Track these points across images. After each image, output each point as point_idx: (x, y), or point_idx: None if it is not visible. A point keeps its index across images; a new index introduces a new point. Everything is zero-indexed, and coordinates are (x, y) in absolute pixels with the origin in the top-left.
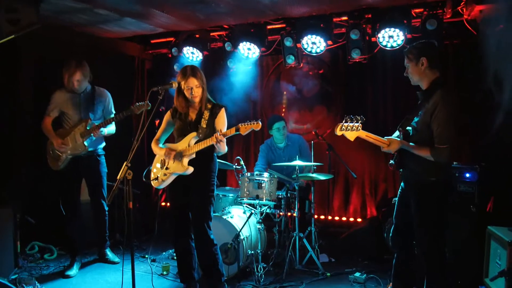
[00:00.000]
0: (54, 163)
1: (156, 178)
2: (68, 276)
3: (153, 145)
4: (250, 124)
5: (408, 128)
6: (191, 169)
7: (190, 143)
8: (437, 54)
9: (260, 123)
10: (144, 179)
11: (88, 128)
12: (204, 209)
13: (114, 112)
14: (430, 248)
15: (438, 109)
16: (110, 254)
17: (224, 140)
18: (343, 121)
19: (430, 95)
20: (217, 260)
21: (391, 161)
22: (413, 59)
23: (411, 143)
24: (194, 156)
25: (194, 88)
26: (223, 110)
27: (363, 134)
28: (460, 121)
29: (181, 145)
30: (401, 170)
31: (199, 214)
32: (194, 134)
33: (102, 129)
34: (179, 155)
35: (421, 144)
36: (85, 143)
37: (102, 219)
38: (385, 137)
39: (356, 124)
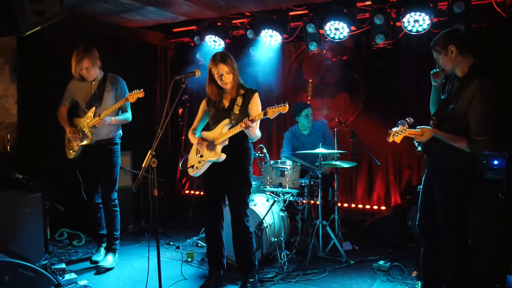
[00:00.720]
0: (68, 152)
1: (192, 166)
2: (95, 262)
3: (189, 134)
4: (278, 107)
5: (442, 115)
6: (223, 156)
7: (222, 130)
8: (465, 38)
9: (287, 106)
10: (181, 167)
11: (94, 117)
12: (239, 197)
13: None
14: (453, 235)
15: (477, 99)
16: (104, 259)
17: (254, 125)
18: (394, 128)
19: (468, 83)
20: (252, 250)
21: (418, 148)
22: (441, 50)
23: (445, 132)
24: (227, 143)
25: (224, 75)
26: (256, 95)
27: (407, 133)
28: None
29: (214, 133)
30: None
31: (234, 203)
32: (227, 121)
33: (106, 118)
34: (211, 144)
35: (456, 134)
36: (92, 132)
37: (108, 217)
38: (417, 127)
39: (404, 127)
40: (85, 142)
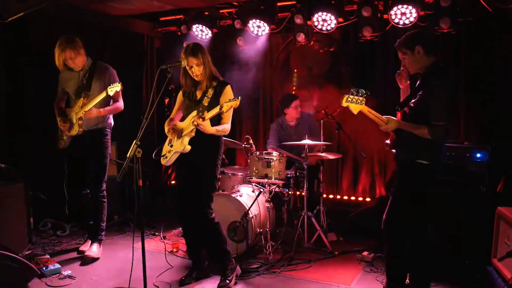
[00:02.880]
0: (59, 142)
1: (164, 155)
2: (81, 252)
3: (165, 124)
4: (231, 102)
5: (405, 108)
6: (188, 148)
7: (190, 122)
8: (430, 39)
9: (239, 100)
10: (154, 157)
11: (81, 108)
12: (202, 191)
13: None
14: (390, 229)
15: (437, 90)
16: (90, 249)
17: (204, 123)
18: (349, 93)
19: (429, 78)
20: (222, 239)
21: (387, 141)
22: (407, 51)
23: (408, 123)
24: (193, 134)
25: (194, 67)
26: (228, 87)
27: (365, 109)
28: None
29: (184, 124)
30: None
31: (198, 196)
32: (195, 112)
33: (93, 109)
34: (180, 133)
35: (418, 123)
36: (79, 124)
37: (96, 210)
38: (384, 116)
39: (361, 98)
40: (72, 133)
